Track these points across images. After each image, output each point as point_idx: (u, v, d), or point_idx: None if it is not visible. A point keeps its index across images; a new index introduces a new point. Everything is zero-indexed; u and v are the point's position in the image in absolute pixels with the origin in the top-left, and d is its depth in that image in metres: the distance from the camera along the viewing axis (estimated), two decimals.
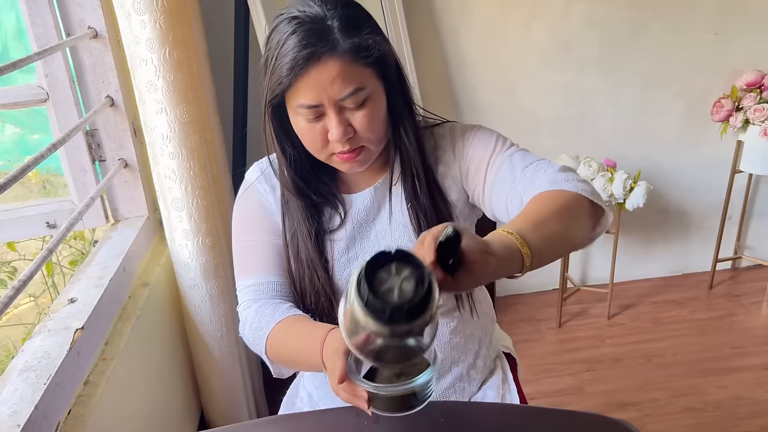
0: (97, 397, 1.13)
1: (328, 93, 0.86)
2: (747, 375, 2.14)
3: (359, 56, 0.87)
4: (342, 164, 0.95)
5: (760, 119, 2.26)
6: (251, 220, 1.06)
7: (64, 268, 1.90)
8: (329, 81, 0.85)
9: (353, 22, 0.87)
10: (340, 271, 1.03)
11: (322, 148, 0.92)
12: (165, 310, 1.63)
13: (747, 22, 2.35)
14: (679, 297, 2.63)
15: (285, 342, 0.95)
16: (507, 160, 0.96)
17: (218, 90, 1.79)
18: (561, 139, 2.42)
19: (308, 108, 0.88)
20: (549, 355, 2.32)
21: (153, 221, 1.67)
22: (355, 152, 0.92)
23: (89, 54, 1.49)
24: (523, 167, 0.94)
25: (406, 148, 0.98)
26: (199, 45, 1.58)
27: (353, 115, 0.89)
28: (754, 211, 2.70)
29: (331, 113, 0.88)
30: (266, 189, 1.05)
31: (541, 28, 2.29)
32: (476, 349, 1.15)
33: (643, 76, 2.39)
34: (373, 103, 0.90)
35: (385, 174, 1.04)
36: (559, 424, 0.93)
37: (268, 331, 0.96)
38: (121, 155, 1.58)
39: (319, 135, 0.91)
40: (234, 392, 1.78)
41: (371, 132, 0.91)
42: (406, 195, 1.01)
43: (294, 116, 0.92)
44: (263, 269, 1.03)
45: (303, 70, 0.85)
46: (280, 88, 0.88)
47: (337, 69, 0.85)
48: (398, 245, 0.99)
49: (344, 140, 0.90)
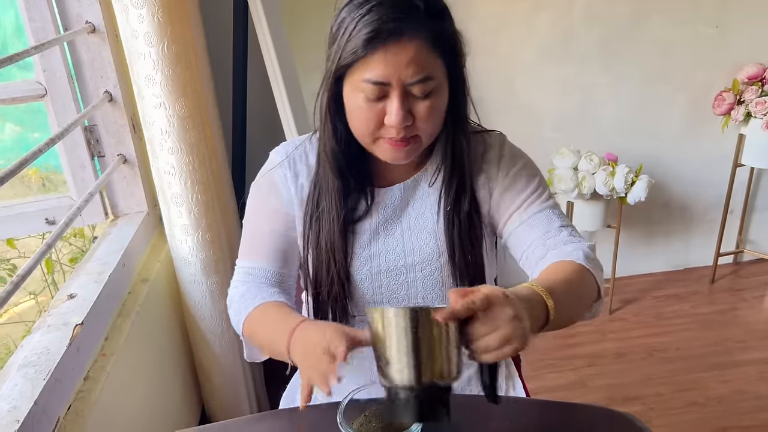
0: (97, 392, 1.12)
1: (400, 74, 0.84)
2: (750, 369, 2.13)
3: (437, 45, 0.85)
4: (388, 151, 0.91)
5: (761, 112, 2.25)
6: (264, 208, 1.04)
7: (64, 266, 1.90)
8: (405, 62, 0.83)
9: (439, 10, 0.86)
10: (360, 265, 1.01)
11: (374, 130, 0.89)
12: (165, 305, 1.62)
13: (748, 16, 2.34)
14: (682, 291, 2.62)
15: (259, 326, 0.96)
16: (547, 210, 0.98)
17: (217, 85, 1.78)
18: (562, 133, 2.41)
19: (374, 84, 0.84)
20: (551, 350, 2.31)
21: (152, 217, 1.67)
22: (407, 141, 0.90)
23: (87, 49, 1.48)
24: (559, 225, 0.97)
25: (460, 150, 0.97)
26: (197, 39, 1.57)
27: (416, 103, 0.87)
28: (756, 205, 2.69)
29: (395, 96, 0.85)
30: (288, 176, 1.02)
31: (544, 21, 2.28)
32: None
33: (644, 70, 2.38)
34: (438, 96, 0.88)
35: (418, 172, 1.02)
36: (565, 417, 0.92)
37: (247, 313, 0.97)
38: (120, 151, 1.58)
39: (375, 116, 0.87)
40: (235, 388, 1.77)
41: (430, 125, 0.90)
42: (446, 198, 0.99)
43: (353, 91, 0.88)
44: (262, 257, 1.03)
45: (382, 44, 0.83)
46: (352, 58, 0.84)
47: (414, 51, 0.83)
48: (421, 246, 1.00)
49: (402, 127, 0.87)
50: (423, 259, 1.01)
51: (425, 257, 1.00)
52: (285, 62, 1.72)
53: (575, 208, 2.33)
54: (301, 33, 2.12)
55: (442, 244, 1.00)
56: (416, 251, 1.01)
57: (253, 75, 1.96)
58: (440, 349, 0.67)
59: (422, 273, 1.01)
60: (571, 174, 2.20)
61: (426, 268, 1.01)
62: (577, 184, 2.20)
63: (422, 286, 1.02)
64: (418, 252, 1.01)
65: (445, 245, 1.00)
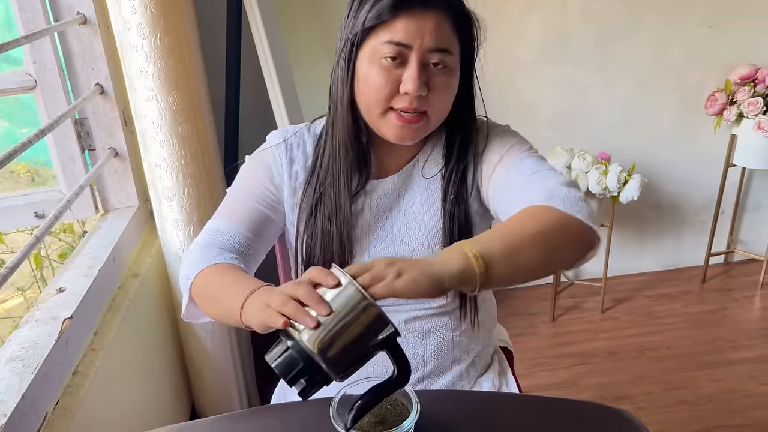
0: (86, 387, 1.11)
1: (423, 39, 0.86)
2: (740, 368, 2.14)
3: (460, 22, 0.89)
4: (396, 128, 0.91)
5: (753, 113, 2.26)
6: (252, 181, 1.02)
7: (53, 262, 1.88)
8: (429, 29, 0.86)
9: None
10: (357, 256, 1.01)
11: (386, 97, 0.89)
12: (156, 301, 1.60)
13: (741, 16, 2.34)
14: (673, 291, 2.62)
15: (214, 280, 0.89)
16: (518, 162, 0.94)
17: (210, 79, 1.77)
18: (556, 131, 2.41)
19: (396, 45, 0.86)
20: (543, 348, 2.31)
21: (144, 211, 1.65)
22: (417, 118, 0.90)
23: (78, 40, 1.46)
24: (531, 172, 0.91)
25: (467, 141, 0.98)
26: (190, 32, 1.55)
27: (433, 76, 0.89)
28: (747, 205, 2.70)
29: (414, 61, 0.87)
30: (284, 161, 1.01)
31: (537, 20, 2.27)
32: (479, 349, 1.13)
33: (638, 70, 2.38)
34: (452, 75, 0.91)
35: (410, 163, 1.02)
36: (558, 412, 0.92)
37: (204, 267, 0.90)
38: (111, 144, 1.56)
39: (390, 82, 0.88)
40: (226, 384, 1.76)
41: (442, 101, 0.91)
42: (447, 188, 0.99)
43: (372, 56, 0.88)
44: (236, 220, 0.98)
45: (409, 9, 0.85)
46: (377, 20, 0.86)
47: (439, 21, 0.86)
48: (410, 237, 1.00)
49: (416, 96, 0.88)
50: (413, 249, 1.01)
51: (414, 247, 1.01)
52: (279, 57, 1.71)
53: None
54: (296, 29, 2.11)
55: (432, 235, 1.00)
56: (405, 241, 1.01)
57: (247, 69, 1.94)
58: (357, 347, 0.69)
59: None
60: (564, 172, 2.20)
61: (415, 258, 1.00)
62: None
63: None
64: (407, 242, 1.01)
65: (439, 234, 1.00)
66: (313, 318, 0.68)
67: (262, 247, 1.01)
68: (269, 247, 1.04)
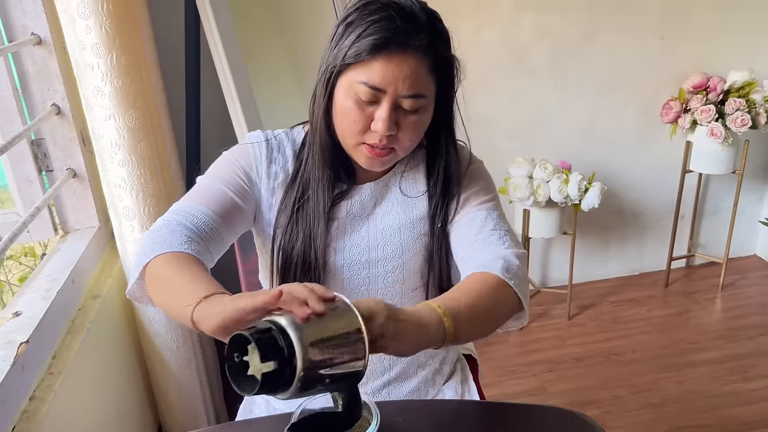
0: (44, 412, 1.09)
1: (397, 85, 0.88)
2: (703, 369, 2.18)
3: (435, 67, 0.91)
4: (365, 157, 0.95)
5: (706, 120, 2.33)
6: (226, 170, 1.01)
7: (13, 287, 1.84)
8: (403, 75, 0.87)
9: (445, 38, 0.93)
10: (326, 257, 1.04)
11: (358, 132, 0.92)
12: (117, 322, 1.58)
13: (691, 27, 2.43)
14: (637, 296, 2.68)
15: (175, 267, 0.84)
16: (477, 213, 1.01)
17: (170, 97, 1.76)
18: (517, 142, 2.45)
19: (370, 88, 0.88)
20: (511, 357, 2.33)
21: (104, 232, 1.63)
22: (385, 152, 0.94)
23: (33, 61, 1.45)
24: (492, 228, 0.98)
25: (449, 166, 1.03)
26: (148, 50, 1.55)
27: (403, 117, 0.91)
28: (705, 210, 2.78)
29: (385, 104, 0.89)
30: (263, 158, 1.02)
31: (492, 38, 2.32)
32: (444, 355, 1.14)
33: (595, 81, 2.44)
34: (423, 114, 0.93)
35: (386, 174, 1.05)
36: (517, 417, 0.93)
37: (168, 251, 0.86)
38: (69, 165, 1.54)
39: (363, 119, 0.90)
40: (192, 405, 1.73)
41: (410, 139, 0.94)
42: (434, 215, 1.03)
43: (348, 90, 0.90)
44: (204, 202, 0.95)
45: (387, 53, 0.86)
46: (355, 59, 0.87)
47: (415, 67, 0.88)
48: (384, 243, 1.03)
49: (385, 135, 0.91)
50: (386, 255, 1.04)
51: (388, 254, 1.04)
52: (238, 73, 1.71)
53: (531, 216, 2.36)
54: (254, 44, 2.11)
55: (405, 243, 1.04)
56: (380, 247, 1.04)
57: (207, 86, 1.94)
58: (332, 361, 0.67)
59: (384, 269, 1.05)
60: (526, 182, 2.24)
61: (388, 264, 1.05)
62: (533, 192, 2.24)
63: (383, 282, 1.06)
64: (381, 248, 1.04)
65: (415, 246, 1.04)
66: (305, 311, 0.66)
67: (227, 236, 0.98)
68: (234, 238, 1.01)
